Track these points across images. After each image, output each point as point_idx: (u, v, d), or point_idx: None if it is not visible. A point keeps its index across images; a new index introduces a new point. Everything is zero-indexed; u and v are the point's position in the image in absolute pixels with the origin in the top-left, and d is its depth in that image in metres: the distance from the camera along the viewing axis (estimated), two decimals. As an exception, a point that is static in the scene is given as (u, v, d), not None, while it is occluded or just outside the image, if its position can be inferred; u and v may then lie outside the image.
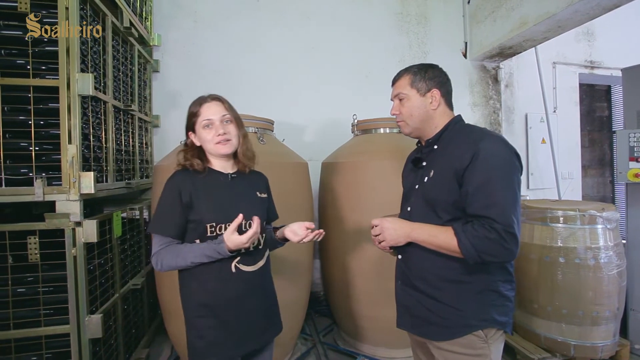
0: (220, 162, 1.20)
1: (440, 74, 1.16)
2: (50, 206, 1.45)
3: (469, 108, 3.28)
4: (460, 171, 1.00)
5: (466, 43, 3.30)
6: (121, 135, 2.00)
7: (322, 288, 2.88)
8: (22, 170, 1.44)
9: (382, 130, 2.25)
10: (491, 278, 1.03)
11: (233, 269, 1.11)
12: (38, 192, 1.40)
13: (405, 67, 1.19)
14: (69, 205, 1.44)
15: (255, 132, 1.98)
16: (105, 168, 1.76)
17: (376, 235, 1.12)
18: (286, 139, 2.44)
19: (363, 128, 2.33)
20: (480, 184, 0.96)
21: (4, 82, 1.41)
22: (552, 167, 3.41)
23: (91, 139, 1.60)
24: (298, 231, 1.22)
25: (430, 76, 1.14)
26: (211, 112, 1.14)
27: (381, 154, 2.09)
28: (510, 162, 0.99)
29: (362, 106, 2.73)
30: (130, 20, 2.02)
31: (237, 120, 1.20)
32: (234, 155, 1.21)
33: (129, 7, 2.09)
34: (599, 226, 1.97)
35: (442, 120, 1.15)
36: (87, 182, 1.46)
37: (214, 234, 1.11)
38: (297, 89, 2.98)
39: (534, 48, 3.11)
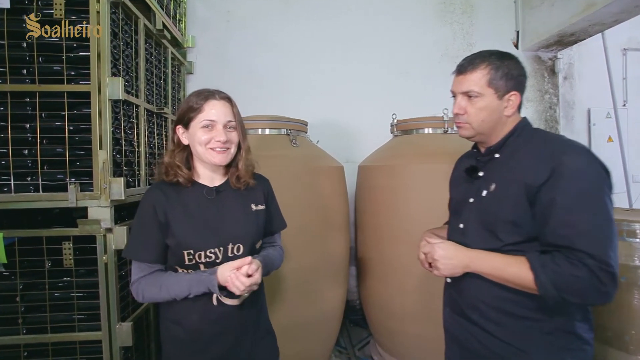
0: (207, 171, 1.03)
1: (523, 71, 0.94)
2: (86, 211, 1.44)
3: (520, 104, 2.95)
4: (534, 188, 0.82)
5: (518, 32, 2.97)
6: (154, 138, 1.99)
7: (358, 297, 2.73)
8: (58, 176, 1.44)
9: (427, 131, 2.04)
10: (566, 317, 0.84)
11: (215, 302, 0.97)
12: (71, 197, 1.40)
13: (479, 53, 0.94)
14: (100, 211, 1.42)
15: (288, 135, 1.88)
16: (137, 172, 1.74)
17: (425, 254, 0.95)
18: (321, 140, 2.31)
19: (403, 128, 2.15)
20: (565, 208, 0.78)
21: (41, 89, 1.42)
22: (621, 170, 2.98)
23: (123, 143, 1.58)
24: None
25: (514, 74, 0.91)
26: (216, 112, 0.96)
27: (424, 156, 1.89)
28: (601, 182, 0.79)
29: (403, 105, 2.54)
30: (163, 22, 2.00)
31: (242, 127, 1.03)
32: (227, 165, 1.03)
33: (163, 9, 2.07)
34: (694, 242, 1.63)
35: (510, 126, 0.94)
36: (117, 188, 1.43)
37: (193, 261, 0.95)
38: (332, 89, 2.84)
39: (600, 34, 2.72)
